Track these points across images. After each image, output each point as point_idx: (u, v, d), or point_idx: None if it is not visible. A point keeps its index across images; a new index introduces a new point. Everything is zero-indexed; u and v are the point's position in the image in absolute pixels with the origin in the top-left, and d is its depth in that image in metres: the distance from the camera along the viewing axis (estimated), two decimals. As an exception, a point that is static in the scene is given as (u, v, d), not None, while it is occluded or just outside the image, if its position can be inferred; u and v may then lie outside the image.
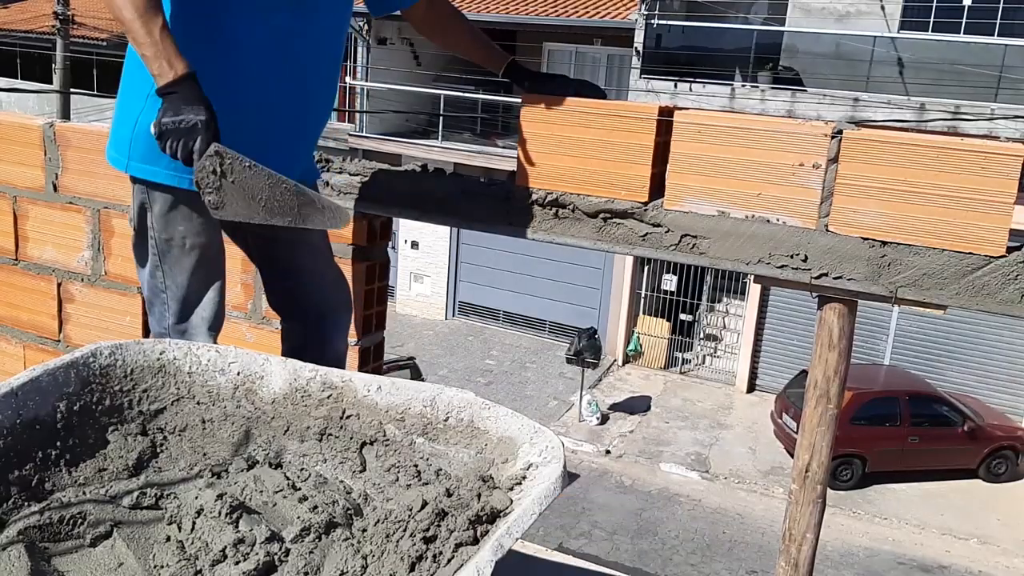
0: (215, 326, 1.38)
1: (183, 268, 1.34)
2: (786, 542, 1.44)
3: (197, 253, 1.34)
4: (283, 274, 1.50)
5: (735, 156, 1.36)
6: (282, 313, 1.53)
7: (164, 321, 1.38)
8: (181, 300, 1.35)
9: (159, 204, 1.33)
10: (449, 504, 0.95)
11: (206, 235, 1.35)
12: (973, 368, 10.42)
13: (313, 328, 1.50)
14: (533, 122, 1.49)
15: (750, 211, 1.37)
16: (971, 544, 8.28)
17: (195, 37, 1.22)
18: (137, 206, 1.36)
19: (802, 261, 1.34)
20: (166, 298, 1.36)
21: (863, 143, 1.29)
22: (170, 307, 1.36)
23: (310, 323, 1.50)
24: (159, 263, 1.35)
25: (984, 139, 1.61)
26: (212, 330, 1.38)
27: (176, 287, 1.35)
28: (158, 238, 1.34)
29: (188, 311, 1.36)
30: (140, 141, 1.29)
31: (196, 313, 1.36)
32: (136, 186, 1.35)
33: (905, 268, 1.29)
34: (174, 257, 1.34)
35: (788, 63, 10.15)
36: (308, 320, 1.50)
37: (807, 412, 1.40)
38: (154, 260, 1.36)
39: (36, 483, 1.02)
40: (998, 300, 1.25)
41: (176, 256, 1.34)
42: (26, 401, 1.05)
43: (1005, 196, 1.22)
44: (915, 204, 1.27)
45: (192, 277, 1.35)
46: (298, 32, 1.27)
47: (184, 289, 1.35)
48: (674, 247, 1.42)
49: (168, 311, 1.37)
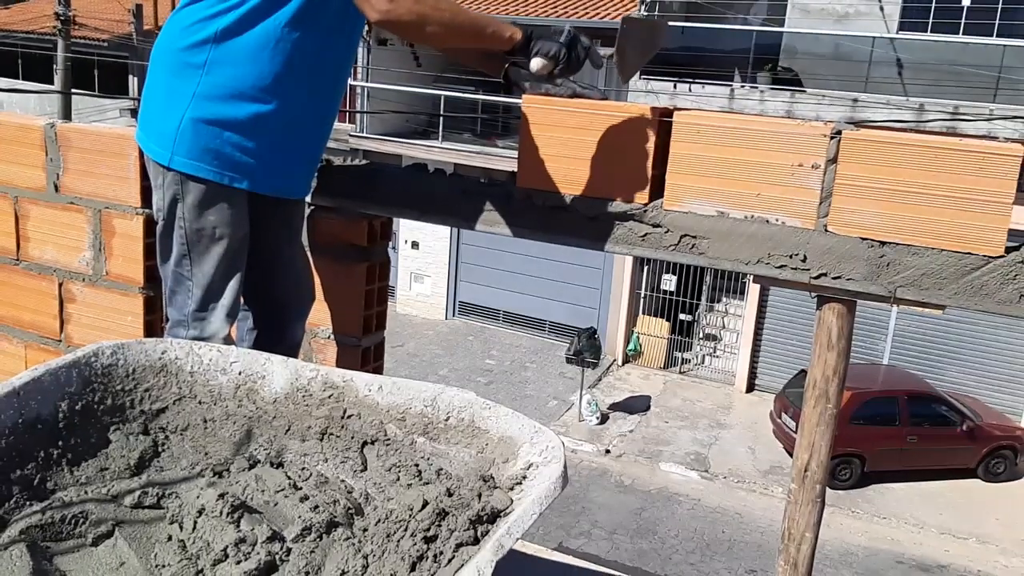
0: (232, 314, 1.45)
1: (211, 257, 1.41)
2: (785, 541, 1.44)
3: (225, 243, 1.41)
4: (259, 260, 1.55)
5: (734, 157, 1.36)
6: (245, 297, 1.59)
7: (185, 308, 1.44)
8: (205, 287, 1.42)
9: (193, 195, 1.40)
10: (450, 504, 0.95)
11: (234, 226, 1.42)
12: (972, 368, 10.43)
13: (275, 315, 1.58)
14: (534, 123, 1.49)
15: (749, 211, 1.37)
16: (970, 543, 8.29)
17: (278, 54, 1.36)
18: (170, 198, 1.41)
19: (801, 261, 1.35)
20: (191, 286, 1.43)
21: (862, 143, 1.29)
22: (193, 294, 1.43)
23: (273, 310, 1.58)
24: (187, 252, 1.42)
25: (983, 139, 1.61)
26: (230, 317, 1.45)
27: (202, 275, 1.42)
28: (188, 228, 1.41)
29: (210, 299, 1.43)
30: (186, 136, 1.36)
31: (218, 301, 1.43)
32: (169, 178, 1.40)
33: (904, 268, 1.29)
34: (203, 247, 1.41)
35: (787, 64, 10.16)
36: (272, 307, 1.58)
37: (806, 412, 1.41)
38: (181, 250, 1.42)
39: (38, 482, 1.03)
40: (997, 300, 1.25)
41: (205, 245, 1.41)
42: (28, 401, 1.05)
43: (1004, 196, 1.22)
44: (914, 204, 1.27)
45: (218, 266, 1.41)
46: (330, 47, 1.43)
47: (209, 277, 1.42)
48: (673, 247, 1.43)
49: (191, 298, 1.43)
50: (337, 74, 1.48)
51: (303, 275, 1.63)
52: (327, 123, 1.52)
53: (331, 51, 1.42)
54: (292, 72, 1.37)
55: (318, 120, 1.48)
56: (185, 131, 1.36)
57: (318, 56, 1.40)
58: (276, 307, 1.59)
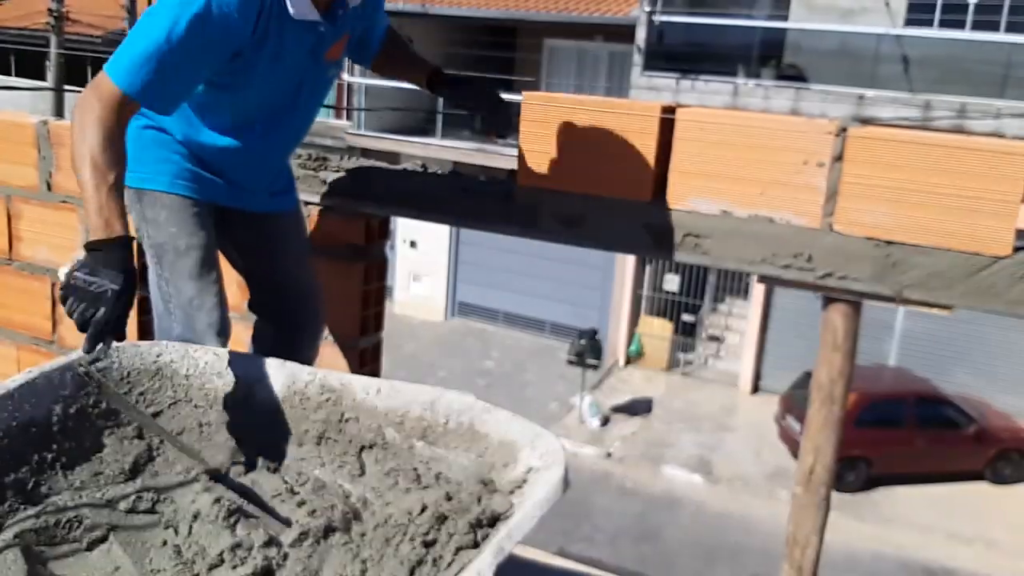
0: (223, 331, 1.36)
1: (183, 272, 1.34)
2: (790, 546, 1.43)
3: (195, 254, 1.34)
4: (263, 284, 1.53)
5: (738, 154, 1.35)
6: (259, 315, 1.56)
7: (171, 332, 1.36)
8: (184, 306, 1.34)
9: (149, 209, 1.35)
10: (449, 508, 0.93)
11: (199, 235, 1.35)
12: (979, 369, 10.37)
13: (286, 337, 1.52)
14: (534, 120, 1.48)
15: (753, 210, 1.35)
16: (977, 547, 8.24)
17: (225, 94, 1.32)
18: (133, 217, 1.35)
19: (806, 261, 1.33)
20: (172, 307, 1.35)
21: (868, 141, 1.27)
22: (176, 316, 1.35)
23: (284, 332, 1.53)
24: (160, 271, 1.36)
25: (990, 137, 1.59)
26: (220, 335, 1.36)
27: (178, 293, 1.34)
28: (154, 244, 1.35)
29: (193, 318, 1.34)
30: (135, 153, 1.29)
31: (200, 320, 1.34)
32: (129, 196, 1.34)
33: (911, 268, 1.28)
34: (169, 262, 1.34)
35: (792, 60, 10.12)
36: (282, 328, 1.53)
37: (811, 414, 1.39)
38: (156, 269, 1.36)
39: (32, 486, 1.01)
40: (1005, 300, 1.24)
41: (172, 260, 1.34)
42: (22, 404, 1.04)
43: (1012, 195, 1.21)
44: (921, 203, 1.26)
45: (193, 282, 1.33)
46: (288, 106, 1.38)
47: (186, 294, 1.34)
48: (676, 246, 1.41)
49: (175, 320, 1.35)
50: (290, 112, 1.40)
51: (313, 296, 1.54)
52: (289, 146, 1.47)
53: (273, 96, 1.35)
54: (235, 121, 1.35)
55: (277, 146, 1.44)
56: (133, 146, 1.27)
57: (260, 105, 1.35)
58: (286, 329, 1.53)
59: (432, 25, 12.41)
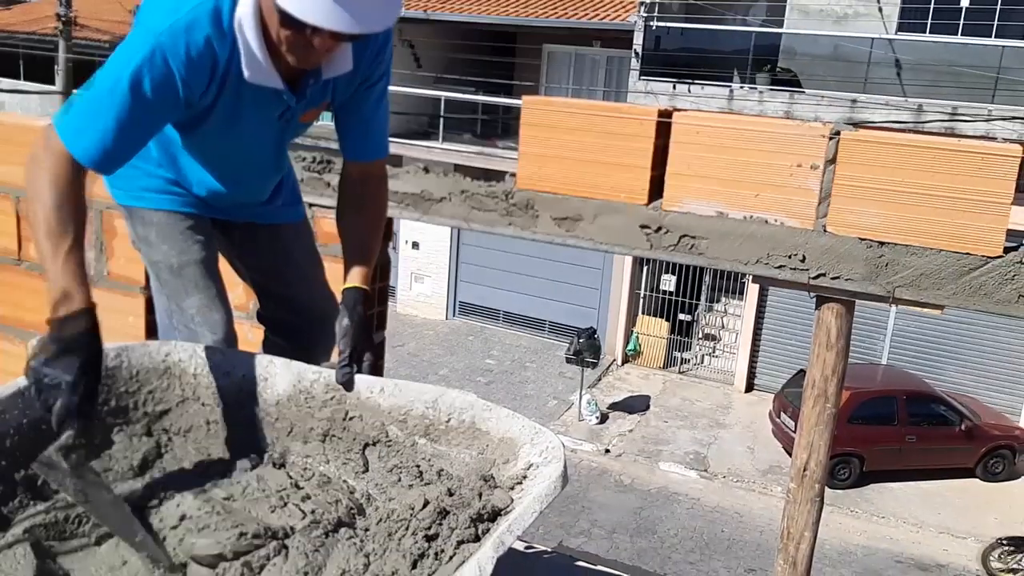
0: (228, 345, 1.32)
1: (181, 291, 1.30)
2: (784, 540, 1.45)
3: (190, 271, 1.29)
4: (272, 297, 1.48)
5: (733, 157, 1.37)
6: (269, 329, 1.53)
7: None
8: (188, 323, 1.30)
9: (139, 227, 1.32)
10: (451, 503, 0.95)
11: (192, 250, 1.30)
12: (970, 368, 10.43)
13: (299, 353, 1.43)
14: (534, 124, 1.50)
15: (748, 212, 1.38)
16: (968, 543, 8.29)
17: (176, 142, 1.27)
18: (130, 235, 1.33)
19: (800, 261, 1.35)
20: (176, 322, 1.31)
21: (861, 144, 1.30)
22: (180, 332, 1.31)
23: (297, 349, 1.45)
24: (160, 288, 1.33)
25: (981, 140, 1.62)
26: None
27: (180, 311, 1.30)
28: (150, 261, 1.32)
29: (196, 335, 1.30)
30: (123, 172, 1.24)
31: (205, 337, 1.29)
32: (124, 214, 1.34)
33: (902, 268, 1.30)
34: (165, 279, 1.30)
35: (786, 65, 10.16)
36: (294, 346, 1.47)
37: (805, 411, 1.41)
38: (156, 285, 1.33)
39: (42, 483, 1.03)
40: (995, 300, 1.26)
41: (168, 278, 1.30)
42: (33, 402, 1.05)
43: (1002, 196, 1.23)
44: (912, 205, 1.28)
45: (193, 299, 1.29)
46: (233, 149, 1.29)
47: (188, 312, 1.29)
48: (673, 247, 1.43)
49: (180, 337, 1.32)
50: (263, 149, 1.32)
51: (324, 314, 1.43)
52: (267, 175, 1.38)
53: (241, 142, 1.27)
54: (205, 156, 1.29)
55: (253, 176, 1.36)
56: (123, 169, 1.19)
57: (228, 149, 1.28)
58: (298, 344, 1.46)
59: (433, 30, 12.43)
